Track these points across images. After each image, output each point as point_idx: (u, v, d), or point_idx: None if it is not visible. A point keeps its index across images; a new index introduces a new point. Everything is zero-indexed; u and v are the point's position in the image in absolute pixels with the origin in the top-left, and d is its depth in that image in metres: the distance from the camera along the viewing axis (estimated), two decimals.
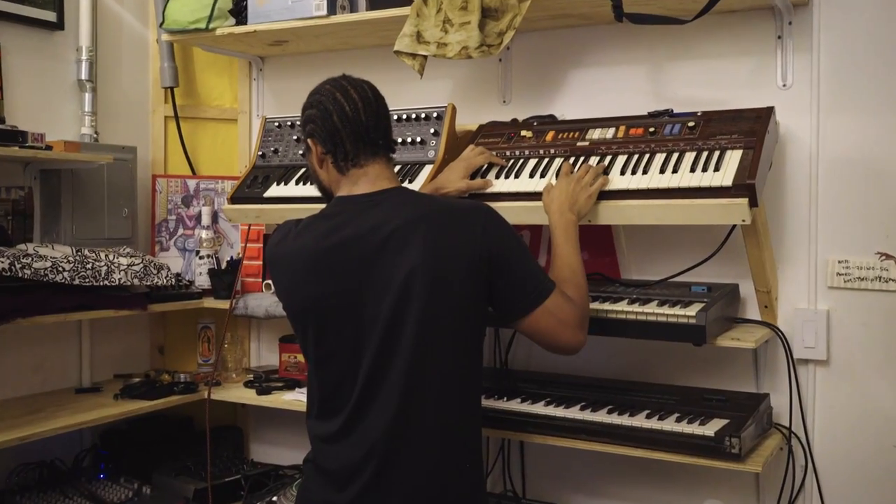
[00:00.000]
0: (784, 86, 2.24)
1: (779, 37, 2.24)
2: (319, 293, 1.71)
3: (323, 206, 1.85)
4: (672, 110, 2.20)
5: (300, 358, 2.80)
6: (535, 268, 1.77)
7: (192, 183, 3.02)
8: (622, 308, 2.05)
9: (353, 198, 1.76)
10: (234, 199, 2.54)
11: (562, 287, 1.79)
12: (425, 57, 2.27)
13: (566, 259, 1.87)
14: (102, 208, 2.75)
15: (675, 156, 2.04)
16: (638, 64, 2.43)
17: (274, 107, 3.04)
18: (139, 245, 2.90)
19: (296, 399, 2.57)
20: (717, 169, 1.95)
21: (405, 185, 2.21)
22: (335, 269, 1.70)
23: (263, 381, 2.79)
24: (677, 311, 1.98)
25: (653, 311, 2.01)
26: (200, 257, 2.92)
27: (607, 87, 2.47)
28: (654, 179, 2.00)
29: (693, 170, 1.98)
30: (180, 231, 3.00)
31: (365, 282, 1.67)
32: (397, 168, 2.35)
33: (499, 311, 1.78)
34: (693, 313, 1.95)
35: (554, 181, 2.08)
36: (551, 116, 2.46)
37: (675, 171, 1.99)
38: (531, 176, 2.16)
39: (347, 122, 1.74)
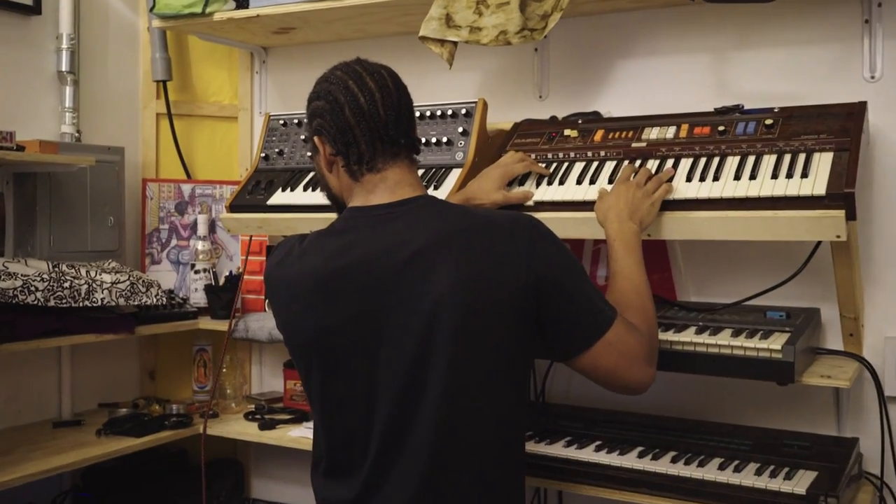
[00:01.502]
0: (872, 78, 1.97)
1: (866, 20, 1.96)
2: (326, 326, 1.43)
3: (335, 215, 1.57)
4: (742, 106, 1.93)
5: None
6: (593, 293, 1.48)
7: (186, 188, 2.77)
8: (690, 338, 1.76)
9: (368, 209, 1.48)
10: (233, 207, 2.31)
11: (624, 313, 1.50)
12: (455, 44, 1.99)
13: (629, 277, 1.59)
14: (85, 217, 2.48)
15: (752, 159, 1.78)
16: (698, 53, 2.16)
17: (279, 103, 2.81)
18: (127, 258, 2.64)
19: (303, 436, 2.29)
20: (804, 175, 1.68)
21: (434, 192, 1.94)
22: (346, 298, 1.41)
23: (266, 413, 2.52)
24: (757, 343, 1.69)
25: (727, 342, 1.72)
26: (196, 272, 2.66)
27: (661, 81, 2.21)
28: (727, 187, 1.73)
29: (775, 176, 1.71)
30: (174, 242, 2.75)
31: (382, 314, 1.39)
32: (420, 172, 2.08)
33: (549, 346, 1.49)
34: (778, 347, 1.67)
35: (608, 188, 1.79)
36: (595, 114, 2.20)
37: (752, 177, 1.73)
38: (578, 182, 1.89)
39: (362, 116, 1.45)
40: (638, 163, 1.89)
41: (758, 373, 1.70)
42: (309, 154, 2.20)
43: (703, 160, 1.82)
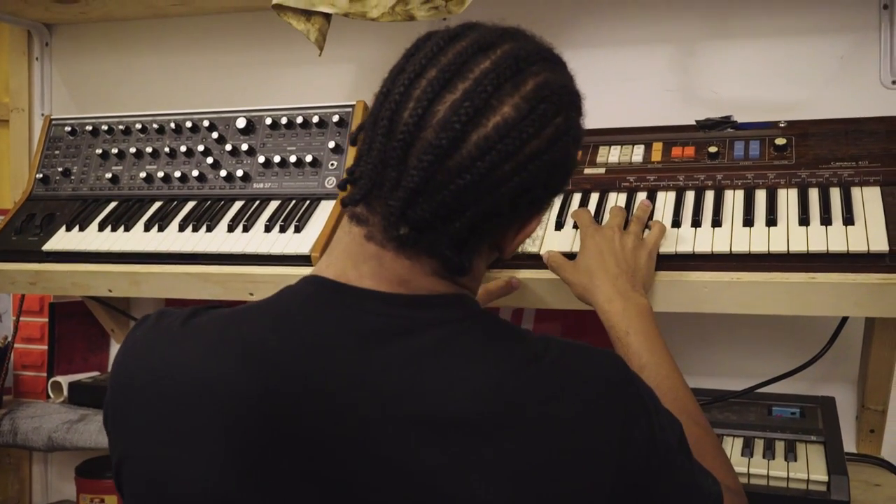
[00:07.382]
0: (894, 83, 1.58)
1: (885, 6, 1.59)
2: (235, 494, 0.79)
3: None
4: (733, 118, 1.47)
5: (110, 503, 1.91)
6: (697, 470, 0.91)
7: None
8: None
9: (353, 293, 0.84)
10: None
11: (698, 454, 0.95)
12: (328, 17, 1.44)
13: (672, 389, 1.04)
14: None
15: (762, 195, 1.35)
16: (658, 45, 1.72)
17: (68, 101, 2.30)
18: None
19: None
20: (848, 221, 1.25)
21: (292, 238, 1.42)
22: (289, 453, 0.78)
23: None
24: (790, 470, 1.23)
25: (742, 469, 1.24)
26: None
27: (607, 82, 1.74)
28: (738, 237, 1.29)
29: (804, 221, 1.27)
30: None
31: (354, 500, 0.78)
32: (275, 206, 1.57)
33: None
34: (823, 477, 1.21)
35: (565, 232, 1.29)
36: None
37: (770, 222, 1.28)
38: None
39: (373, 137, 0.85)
40: (595, 197, 1.39)
41: None
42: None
43: (690, 195, 1.37)
